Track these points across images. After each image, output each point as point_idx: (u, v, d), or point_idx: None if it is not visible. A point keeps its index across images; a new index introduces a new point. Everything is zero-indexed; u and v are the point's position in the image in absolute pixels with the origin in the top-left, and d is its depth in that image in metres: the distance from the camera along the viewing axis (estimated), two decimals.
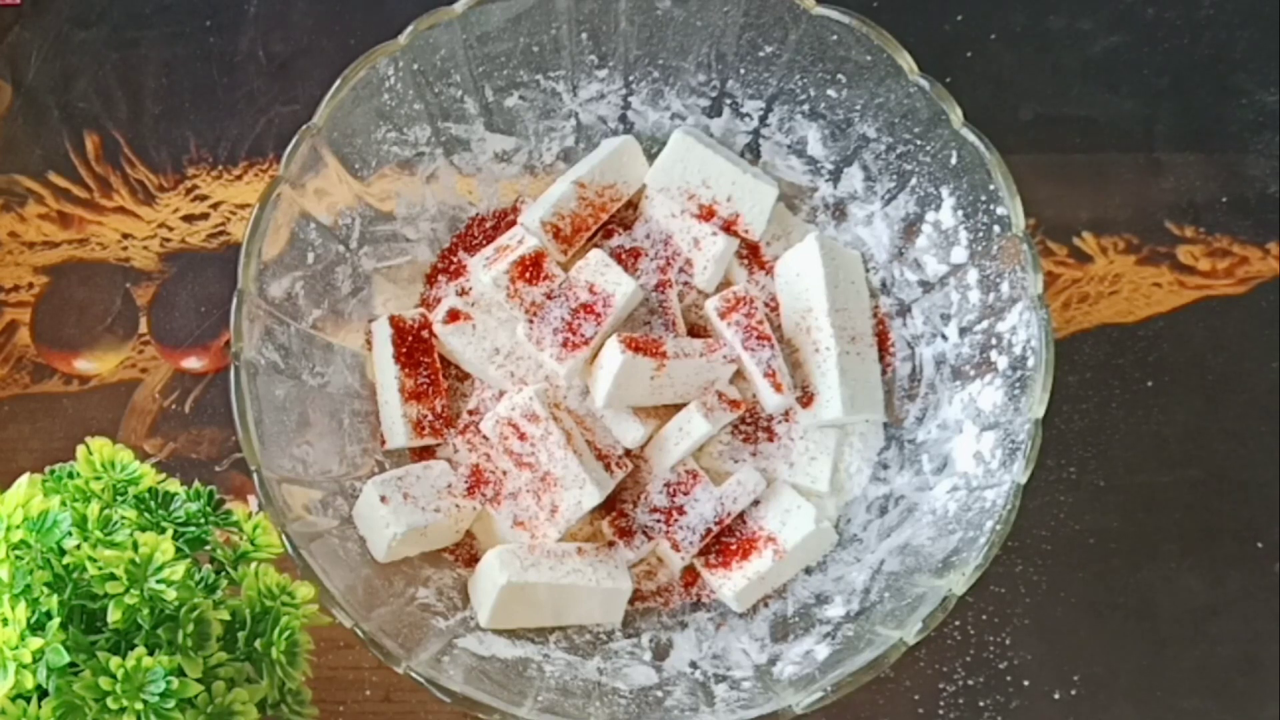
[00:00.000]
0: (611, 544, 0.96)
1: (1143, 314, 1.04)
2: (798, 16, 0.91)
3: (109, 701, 0.69)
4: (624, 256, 0.98)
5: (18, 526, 0.72)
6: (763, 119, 0.99)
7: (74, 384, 1.02)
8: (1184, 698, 0.99)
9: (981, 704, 0.98)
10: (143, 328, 1.03)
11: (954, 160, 0.91)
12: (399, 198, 0.98)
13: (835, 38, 0.91)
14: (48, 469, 0.78)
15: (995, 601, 1.00)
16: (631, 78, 0.98)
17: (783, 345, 0.97)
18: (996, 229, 0.90)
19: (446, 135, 0.98)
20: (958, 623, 0.99)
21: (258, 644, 0.76)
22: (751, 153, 1.01)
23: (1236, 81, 1.08)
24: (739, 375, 0.97)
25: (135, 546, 0.72)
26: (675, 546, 0.95)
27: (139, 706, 0.69)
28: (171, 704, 0.70)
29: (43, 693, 0.70)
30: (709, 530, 0.95)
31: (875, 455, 0.98)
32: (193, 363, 1.02)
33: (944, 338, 0.95)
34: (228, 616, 0.75)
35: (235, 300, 0.87)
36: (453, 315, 0.97)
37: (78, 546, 0.71)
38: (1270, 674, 0.99)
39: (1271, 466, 1.01)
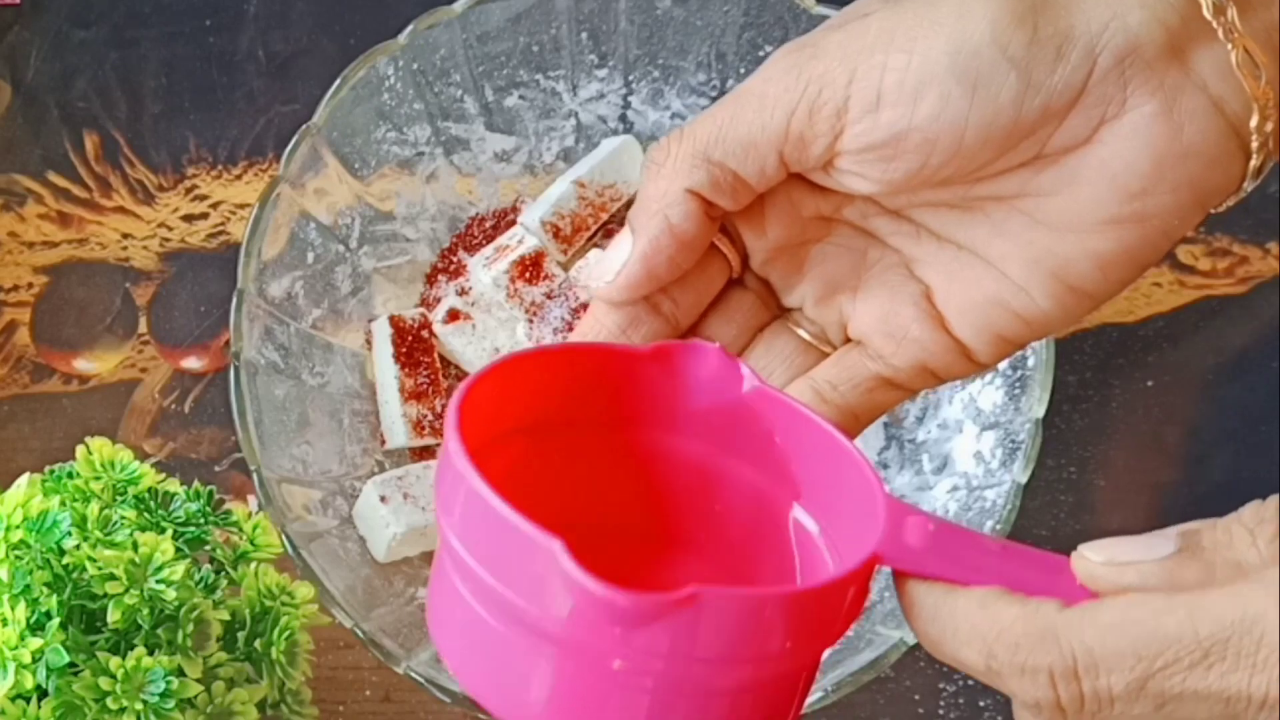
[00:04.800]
0: None
1: (1143, 314, 1.04)
2: (798, 16, 0.91)
3: (109, 701, 0.69)
4: None
5: (18, 526, 0.71)
6: None
7: (74, 384, 1.02)
8: None
9: (981, 704, 0.98)
10: (143, 328, 1.03)
11: None
12: (399, 197, 0.98)
13: None
14: (48, 469, 0.78)
15: None
16: (631, 77, 0.98)
17: None
18: None
19: (446, 135, 0.98)
20: None
21: (258, 644, 0.76)
22: None
23: None
24: None
25: (135, 546, 0.72)
26: None
27: (139, 706, 0.69)
28: (171, 704, 0.70)
29: (43, 693, 0.70)
30: None
31: (875, 455, 0.98)
32: (193, 363, 1.02)
33: None
34: (228, 616, 0.75)
35: (235, 300, 0.87)
36: (453, 315, 0.97)
37: (78, 546, 0.71)
38: None
39: (1271, 467, 1.01)
